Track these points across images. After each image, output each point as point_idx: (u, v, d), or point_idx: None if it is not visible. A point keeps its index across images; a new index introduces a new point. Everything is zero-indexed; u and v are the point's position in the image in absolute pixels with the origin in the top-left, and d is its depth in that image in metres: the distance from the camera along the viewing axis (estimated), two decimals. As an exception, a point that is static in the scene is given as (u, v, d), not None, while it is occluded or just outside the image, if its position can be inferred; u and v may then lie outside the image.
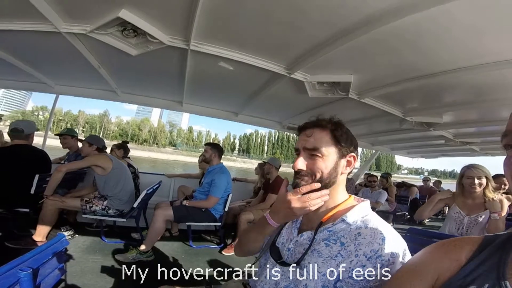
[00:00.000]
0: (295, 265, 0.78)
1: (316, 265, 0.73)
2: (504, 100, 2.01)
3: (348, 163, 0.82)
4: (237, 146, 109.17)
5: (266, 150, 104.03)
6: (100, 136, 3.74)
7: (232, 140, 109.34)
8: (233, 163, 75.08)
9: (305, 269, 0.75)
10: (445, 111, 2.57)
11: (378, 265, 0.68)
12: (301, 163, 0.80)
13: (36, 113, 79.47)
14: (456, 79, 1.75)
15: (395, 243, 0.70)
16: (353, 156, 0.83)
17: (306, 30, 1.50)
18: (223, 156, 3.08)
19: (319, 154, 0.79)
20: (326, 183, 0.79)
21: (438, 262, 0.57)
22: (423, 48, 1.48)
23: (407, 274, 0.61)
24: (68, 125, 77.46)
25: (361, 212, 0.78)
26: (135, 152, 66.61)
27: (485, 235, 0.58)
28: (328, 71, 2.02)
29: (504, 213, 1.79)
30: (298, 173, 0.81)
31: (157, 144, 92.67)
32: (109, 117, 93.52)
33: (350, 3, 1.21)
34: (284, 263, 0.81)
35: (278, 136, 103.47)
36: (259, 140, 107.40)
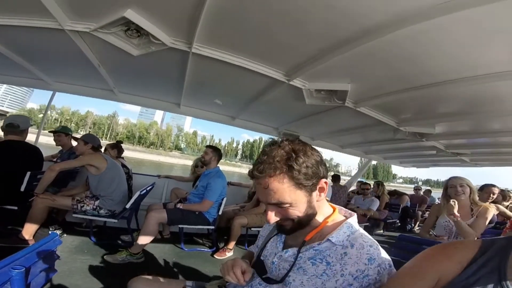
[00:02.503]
0: (279, 282, 0.77)
1: (301, 282, 0.73)
2: (495, 112, 2.10)
3: (321, 190, 0.76)
4: (239, 152, 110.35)
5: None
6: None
7: (235, 145, 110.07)
8: (239, 169, 74.15)
9: (289, 286, 0.75)
10: (437, 122, 2.65)
11: (365, 284, 0.67)
12: (274, 217, 0.75)
13: (43, 112, 77.84)
14: (449, 90, 1.81)
15: (381, 261, 0.69)
16: (325, 182, 0.76)
17: (307, 39, 1.54)
18: (228, 162, 3.09)
19: (287, 205, 0.72)
20: (308, 221, 0.77)
21: (439, 264, 0.59)
22: (418, 59, 1.54)
23: (407, 276, 0.63)
24: (73, 124, 76.41)
25: (348, 230, 0.76)
26: (145, 155, 66.65)
27: (483, 239, 0.61)
28: (326, 79, 2.06)
29: (487, 220, 1.91)
30: (276, 222, 0.78)
31: (163, 147, 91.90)
32: (117, 118, 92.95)
33: (351, 15, 1.26)
34: (268, 279, 0.81)
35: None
36: (261, 146, 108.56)
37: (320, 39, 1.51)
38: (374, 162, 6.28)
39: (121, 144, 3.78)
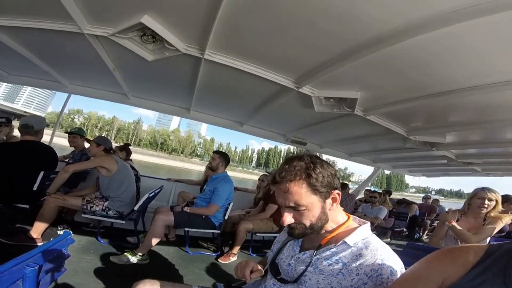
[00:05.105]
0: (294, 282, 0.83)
1: (317, 281, 0.78)
2: (507, 121, 2.05)
3: (334, 200, 0.84)
4: (254, 159, 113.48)
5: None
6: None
7: (250, 153, 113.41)
8: (257, 176, 73.17)
9: (304, 285, 0.80)
10: (449, 131, 2.60)
11: (378, 283, 0.72)
12: (289, 219, 0.83)
13: (72, 116, 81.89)
14: (461, 99, 1.79)
15: (393, 263, 0.75)
16: (338, 193, 0.84)
17: (318, 47, 1.55)
18: (246, 169, 3.09)
19: (303, 208, 0.80)
20: (319, 227, 0.84)
21: (443, 267, 0.60)
22: (429, 67, 1.54)
23: (411, 279, 0.64)
24: (98, 129, 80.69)
25: (362, 235, 0.82)
26: (168, 161, 69.22)
27: (490, 244, 0.61)
28: (335, 87, 2.06)
29: (495, 229, 1.87)
30: (289, 225, 0.84)
31: (183, 153, 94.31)
32: (141, 124, 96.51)
33: (361, 23, 1.27)
34: (282, 279, 0.87)
35: (296, 152, 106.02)
36: (276, 155, 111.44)
37: (331, 47, 1.52)
38: (387, 172, 6.22)
39: (129, 147, 3.84)
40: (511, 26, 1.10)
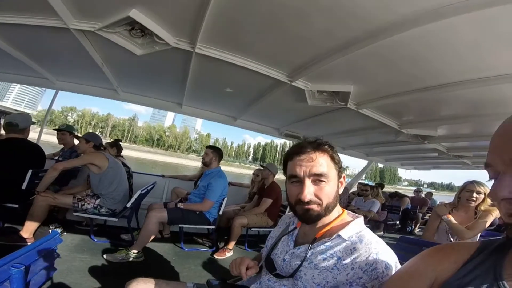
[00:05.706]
0: (290, 277, 0.82)
1: (312, 276, 0.77)
2: (498, 115, 2.08)
3: (341, 183, 0.87)
4: (251, 154, 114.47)
5: (279, 158, 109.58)
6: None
7: (247, 148, 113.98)
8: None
9: (300, 280, 0.79)
10: (440, 125, 2.65)
11: (373, 277, 0.71)
12: (311, 189, 0.79)
13: (65, 114, 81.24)
14: (452, 92, 1.80)
15: (388, 257, 0.74)
16: (344, 176, 0.88)
17: (311, 40, 1.54)
18: (243, 164, 3.08)
19: (325, 180, 0.80)
20: (331, 209, 0.83)
21: (436, 264, 0.60)
22: (422, 61, 1.54)
23: (405, 276, 0.64)
24: (92, 126, 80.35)
25: (356, 228, 0.82)
26: (165, 158, 69.74)
27: (482, 240, 0.61)
28: (329, 81, 2.06)
29: (487, 223, 1.91)
30: (306, 202, 0.79)
31: (180, 149, 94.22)
32: (136, 121, 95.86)
33: (354, 16, 1.26)
34: (278, 275, 0.86)
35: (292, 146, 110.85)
36: (273, 149, 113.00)
37: (323, 40, 1.51)
38: (381, 165, 6.32)
39: (120, 143, 3.78)
40: (504, 20, 1.10)
